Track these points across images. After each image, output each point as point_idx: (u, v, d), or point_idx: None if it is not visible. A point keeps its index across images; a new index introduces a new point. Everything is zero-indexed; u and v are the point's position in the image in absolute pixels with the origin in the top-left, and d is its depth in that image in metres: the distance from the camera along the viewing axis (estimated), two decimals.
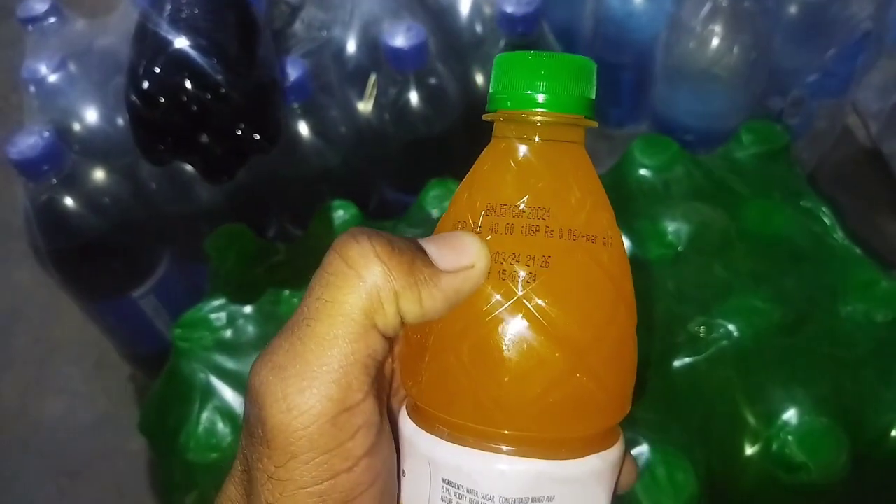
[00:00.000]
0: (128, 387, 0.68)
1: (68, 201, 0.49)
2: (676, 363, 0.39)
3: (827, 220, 0.44)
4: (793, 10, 0.59)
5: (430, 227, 0.46)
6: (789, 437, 0.36)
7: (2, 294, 0.78)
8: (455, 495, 0.20)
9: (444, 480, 0.21)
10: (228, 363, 0.41)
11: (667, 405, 0.37)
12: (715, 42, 0.56)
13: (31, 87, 0.51)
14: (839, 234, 0.43)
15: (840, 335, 0.39)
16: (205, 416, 0.39)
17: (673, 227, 0.43)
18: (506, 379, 0.20)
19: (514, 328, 0.20)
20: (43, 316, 0.75)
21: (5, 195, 0.66)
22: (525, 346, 0.20)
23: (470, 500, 0.20)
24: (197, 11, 0.40)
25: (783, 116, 0.64)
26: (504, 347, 0.20)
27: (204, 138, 0.40)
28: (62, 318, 0.74)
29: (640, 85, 0.67)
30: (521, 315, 0.20)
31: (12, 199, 0.54)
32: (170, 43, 0.39)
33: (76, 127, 0.52)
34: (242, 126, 0.40)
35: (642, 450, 0.36)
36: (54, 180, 0.48)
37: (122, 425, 0.66)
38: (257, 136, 0.41)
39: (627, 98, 0.69)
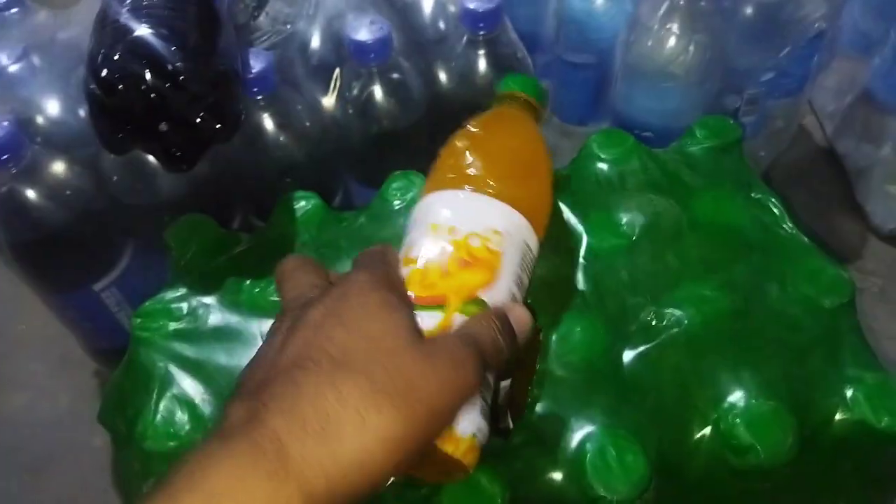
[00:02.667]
0: (92, 382, 0.67)
1: (29, 192, 0.49)
2: (629, 350, 0.40)
3: (776, 211, 0.45)
4: (748, 10, 0.60)
5: (391, 218, 0.46)
6: (737, 420, 0.37)
7: None
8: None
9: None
10: (188, 351, 0.41)
11: (619, 390, 0.38)
12: (672, 41, 0.57)
13: None
14: (788, 225, 0.45)
15: (788, 320, 0.40)
16: (163, 404, 0.39)
17: (627, 218, 0.44)
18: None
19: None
20: (6, 311, 0.74)
21: None
22: None
23: None
24: (157, 1, 0.40)
25: (739, 115, 0.66)
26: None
27: (163, 126, 0.40)
28: (26, 314, 0.73)
29: (601, 84, 0.68)
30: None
31: None
32: (129, 31, 0.39)
33: (37, 118, 0.52)
34: (202, 115, 0.40)
35: (594, 434, 0.37)
36: (14, 170, 0.48)
37: (86, 420, 0.64)
38: (217, 126, 0.41)
39: (589, 97, 0.70)
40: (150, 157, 0.50)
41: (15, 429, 0.67)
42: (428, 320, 0.32)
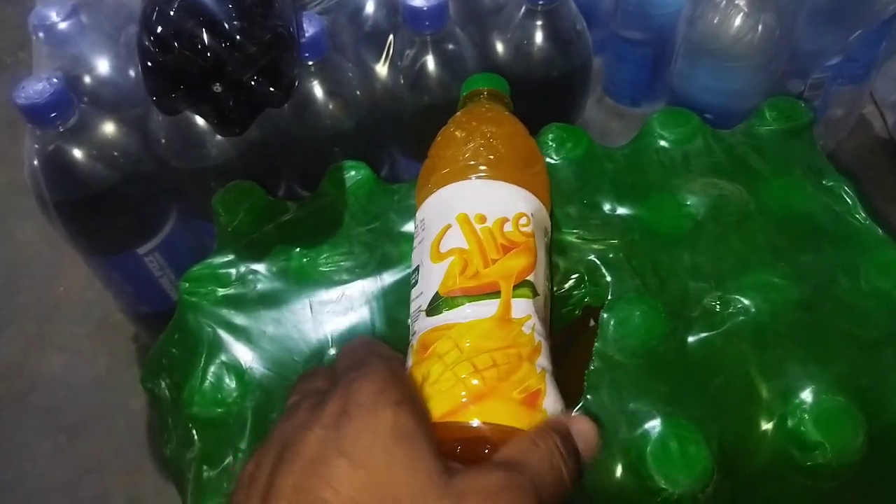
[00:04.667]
0: (130, 346, 0.67)
1: (75, 151, 0.48)
2: (691, 337, 0.38)
3: (849, 200, 0.43)
4: None
5: None
6: (805, 416, 0.35)
7: (6, 250, 0.77)
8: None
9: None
10: (236, 318, 0.40)
11: (681, 378, 0.37)
12: (739, 18, 0.55)
13: (40, 34, 0.50)
14: (861, 214, 0.42)
15: (859, 314, 0.38)
16: (211, 370, 0.38)
17: (691, 200, 0.42)
18: None
19: None
20: (47, 273, 0.74)
21: (12, 152, 0.65)
22: None
23: None
24: None
25: (803, 100, 0.63)
26: None
27: (217, 88, 0.39)
28: (66, 276, 0.73)
29: (657, 63, 0.66)
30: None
31: (19, 156, 0.53)
32: None
33: (86, 76, 0.51)
34: (256, 77, 0.39)
35: (655, 423, 0.35)
36: (61, 129, 0.47)
37: (124, 384, 0.65)
38: (271, 89, 0.40)
39: (644, 76, 0.68)
40: (199, 120, 0.49)
41: (53, 390, 0.67)
42: (484, 309, 0.32)
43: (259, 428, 0.37)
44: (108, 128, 0.50)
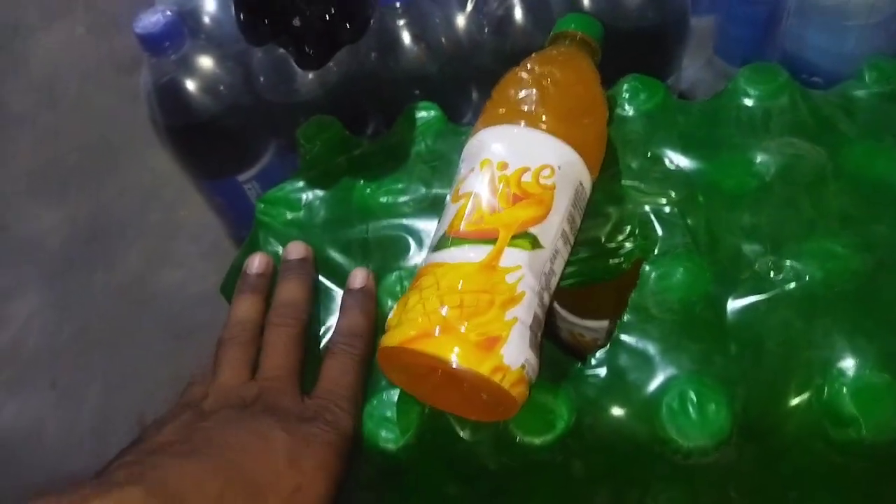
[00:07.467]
0: None
1: (184, 81, 0.54)
2: (734, 300, 0.37)
3: None
4: None
5: None
6: (843, 389, 0.33)
7: (143, 176, 0.87)
8: None
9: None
10: (301, 240, 0.43)
11: (714, 339, 0.36)
12: None
13: None
14: None
15: None
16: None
17: (762, 158, 0.40)
18: None
19: None
20: (175, 197, 0.82)
21: None
22: None
23: None
24: None
25: None
26: None
27: (296, 21, 0.41)
28: (191, 202, 0.81)
29: (770, 22, 0.62)
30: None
31: None
32: None
33: (197, 13, 0.56)
34: (331, 12, 0.41)
35: (677, 377, 0.35)
36: (173, 58, 0.52)
37: (226, 302, 0.72)
38: (346, 25, 0.42)
39: (757, 35, 0.64)
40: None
41: (169, 301, 0.75)
42: (476, 253, 0.32)
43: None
44: (214, 62, 0.55)
